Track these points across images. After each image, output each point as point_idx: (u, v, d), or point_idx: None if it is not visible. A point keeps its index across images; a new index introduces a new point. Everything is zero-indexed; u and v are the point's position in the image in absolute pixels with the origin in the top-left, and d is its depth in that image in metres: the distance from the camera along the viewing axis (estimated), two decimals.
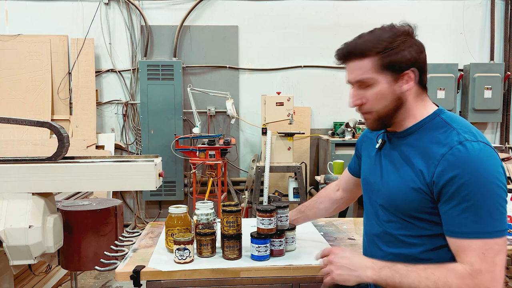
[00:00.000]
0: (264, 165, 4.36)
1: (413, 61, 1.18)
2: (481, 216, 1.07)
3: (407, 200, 1.18)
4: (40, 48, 5.03)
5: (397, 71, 1.17)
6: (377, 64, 1.17)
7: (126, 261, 1.58)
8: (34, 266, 2.77)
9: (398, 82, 1.19)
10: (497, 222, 1.08)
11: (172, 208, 1.68)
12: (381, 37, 1.17)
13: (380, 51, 1.16)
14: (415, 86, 1.21)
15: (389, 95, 1.20)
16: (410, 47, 1.17)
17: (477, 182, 1.07)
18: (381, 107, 1.21)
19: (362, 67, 1.19)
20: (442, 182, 1.10)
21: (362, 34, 1.22)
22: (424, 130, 1.20)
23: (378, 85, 1.19)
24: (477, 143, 1.10)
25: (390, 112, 1.22)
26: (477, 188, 1.07)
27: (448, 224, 1.12)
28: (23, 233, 2.15)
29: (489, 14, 5.46)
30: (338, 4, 5.34)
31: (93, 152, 4.93)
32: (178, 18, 5.25)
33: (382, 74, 1.18)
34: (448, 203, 1.10)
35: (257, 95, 5.00)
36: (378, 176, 1.31)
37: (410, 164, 1.19)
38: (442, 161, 1.11)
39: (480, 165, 1.08)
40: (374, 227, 1.31)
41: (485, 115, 5.38)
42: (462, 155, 1.09)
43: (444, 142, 1.13)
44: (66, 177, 2.20)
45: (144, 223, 5.24)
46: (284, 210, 1.63)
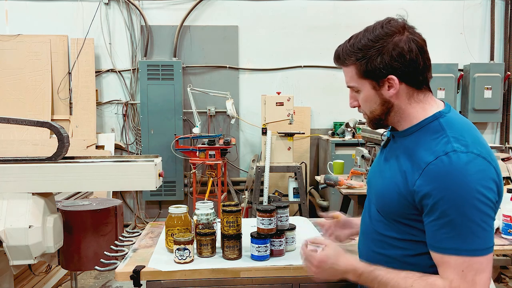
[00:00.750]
0: (264, 165, 4.36)
1: (392, 67, 1.13)
2: (460, 233, 1.03)
3: (392, 202, 1.16)
4: (40, 48, 5.03)
5: (376, 78, 1.16)
6: (357, 72, 1.18)
7: (126, 261, 1.58)
8: (34, 266, 2.77)
9: (382, 88, 1.17)
10: (478, 240, 1.03)
11: (172, 208, 1.68)
12: (359, 45, 1.16)
13: (358, 60, 1.16)
14: (405, 89, 1.17)
15: (374, 100, 1.19)
16: (387, 53, 1.13)
17: (455, 198, 1.02)
18: (370, 111, 1.22)
19: (348, 74, 1.22)
20: (421, 194, 1.07)
21: (352, 36, 1.21)
22: (421, 132, 1.17)
23: (363, 91, 1.20)
24: (465, 155, 1.04)
25: (380, 115, 1.22)
26: (455, 204, 1.02)
27: (429, 237, 1.09)
28: (23, 233, 2.15)
29: (489, 14, 5.46)
30: (338, 4, 5.34)
31: (93, 152, 4.93)
32: (178, 18, 5.25)
33: (364, 81, 1.18)
34: (428, 216, 1.07)
35: (257, 95, 5.01)
36: (376, 175, 1.31)
37: (400, 166, 1.17)
38: (425, 172, 1.07)
39: (460, 179, 1.02)
40: (367, 225, 1.31)
41: (485, 115, 5.38)
42: (444, 168, 1.04)
43: (432, 150, 1.09)
44: (66, 177, 2.20)
45: (144, 223, 5.24)
46: (284, 210, 1.63)
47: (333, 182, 3.26)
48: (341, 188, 3.22)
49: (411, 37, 1.15)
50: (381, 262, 1.19)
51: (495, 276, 3.37)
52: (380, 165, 1.30)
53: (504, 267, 3.52)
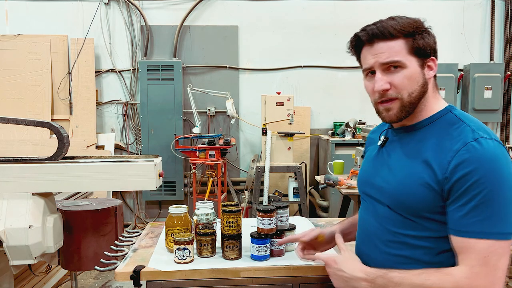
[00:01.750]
0: (264, 165, 4.36)
1: (435, 49, 1.17)
2: (491, 215, 1.02)
3: (415, 197, 1.12)
4: (40, 48, 5.03)
5: (423, 56, 1.15)
6: (406, 46, 1.14)
7: (126, 261, 1.57)
8: (34, 266, 2.77)
9: (424, 68, 1.17)
10: (506, 224, 1.03)
11: (172, 208, 1.68)
12: (409, 21, 1.16)
13: (409, 34, 1.14)
14: (433, 76, 1.20)
15: (418, 79, 1.15)
16: (432, 35, 1.17)
17: (492, 180, 1.02)
18: (410, 92, 1.15)
19: (392, 48, 1.14)
20: (455, 178, 1.05)
21: (382, 19, 1.19)
22: (436, 125, 1.16)
23: (408, 68, 1.14)
24: (492, 141, 1.06)
25: (416, 99, 1.16)
26: (491, 186, 1.02)
27: (454, 222, 1.07)
28: (23, 233, 2.14)
29: (489, 14, 5.46)
30: (338, 4, 5.34)
31: (93, 152, 4.93)
32: (178, 18, 5.25)
33: (412, 58, 1.15)
34: (458, 200, 1.06)
35: (257, 95, 5.01)
36: (383, 174, 1.25)
37: (421, 159, 1.14)
38: (456, 157, 1.06)
39: (495, 163, 1.04)
40: (374, 228, 1.26)
41: (485, 115, 5.38)
42: (478, 152, 1.04)
43: (457, 138, 1.09)
44: (66, 177, 2.20)
45: (144, 223, 5.24)
46: (284, 210, 1.63)
47: (333, 182, 3.26)
48: (341, 188, 3.22)
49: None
50: (397, 265, 1.16)
51: None
52: (388, 165, 1.25)
53: None
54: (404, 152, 1.21)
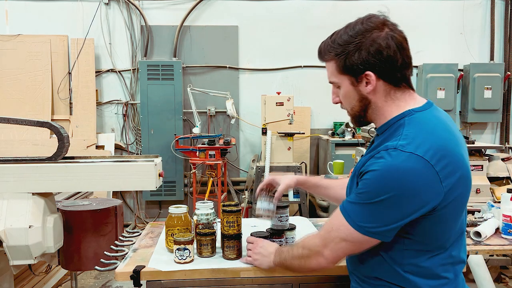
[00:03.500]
0: (264, 165, 4.36)
1: (369, 63, 1.14)
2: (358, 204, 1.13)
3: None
4: (40, 48, 5.03)
5: (354, 74, 1.17)
6: (337, 67, 1.20)
7: (126, 261, 1.57)
8: (34, 266, 2.77)
9: (360, 84, 1.18)
10: (368, 219, 1.11)
11: (172, 208, 1.68)
12: (340, 40, 1.18)
13: (337, 55, 1.18)
14: (383, 85, 1.17)
15: (353, 96, 1.21)
16: (365, 49, 1.13)
17: (379, 186, 1.08)
18: (350, 107, 1.25)
19: (329, 69, 1.24)
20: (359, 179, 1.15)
21: (334, 33, 1.24)
22: (390, 131, 1.18)
23: (342, 87, 1.23)
24: (404, 154, 1.06)
25: (359, 112, 1.23)
26: (376, 190, 1.08)
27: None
28: (23, 233, 2.15)
29: (489, 14, 5.46)
30: (338, 4, 5.34)
31: (93, 152, 4.93)
32: (178, 18, 5.25)
33: (343, 77, 1.20)
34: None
35: (257, 95, 5.01)
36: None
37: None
38: (366, 165, 1.13)
39: (388, 177, 1.07)
40: None
41: (485, 115, 5.38)
42: (381, 162, 1.08)
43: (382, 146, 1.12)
44: (66, 177, 2.20)
45: (144, 223, 5.24)
46: (284, 210, 1.63)
47: None
48: None
49: (390, 33, 1.15)
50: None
51: (495, 276, 3.37)
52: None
53: (504, 267, 3.52)
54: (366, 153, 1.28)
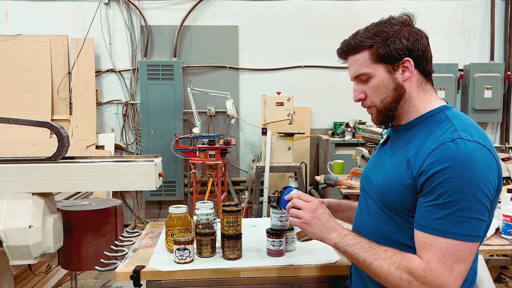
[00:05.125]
0: (264, 165, 4.36)
1: (408, 49, 1.17)
2: (454, 215, 1.03)
3: (395, 195, 1.16)
4: (40, 48, 5.03)
5: (391, 61, 1.18)
6: (371, 56, 1.19)
7: (126, 261, 1.57)
8: (34, 266, 2.77)
9: (396, 72, 1.19)
10: (468, 226, 1.03)
11: (172, 208, 1.68)
12: (373, 30, 1.19)
13: (373, 44, 1.18)
14: (416, 75, 1.20)
15: (388, 85, 1.19)
16: (403, 37, 1.17)
17: (461, 181, 1.02)
18: (382, 98, 1.21)
19: (358, 61, 1.21)
20: (427, 176, 1.07)
21: (359, 30, 1.23)
22: (426, 124, 1.18)
23: (375, 77, 1.20)
24: (472, 143, 1.05)
25: (391, 104, 1.21)
26: (459, 187, 1.02)
27: (418, 217, 1.09)
28: (23, 233, 2.14)
29: (489, 14, 5.46)
30: (338, 4, 5.34)
31: (93, 152, 4.93)
32: (178, 18, 5.25)
33: (378, 66, 1.19)
34: (426, 197, 1.07)
35: (257, 95, 5.01)
36: (377, 171, 1.29)
37: (405, 158, 1.16)
38: (430, 156, 1.07)
39: (468, 164, 1.03)
40: (364, 221, 1.30)
41: (485, 115, 5.38)
42: (451, 152, 1.04)
43: (438, 138, 1.10)
44: (66, 177, 2.20)
45: (144, 223, 5.24)
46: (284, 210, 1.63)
47: (333, 182, 3.26)
48: (341, 188, 3.22)
49: (420, 28, 1.22)
50: None
51: (495, 276, 3.37)
52: (381, 161, 1.29)
53: (504, 267, 3.52)
54: (394, 151, 1.24)
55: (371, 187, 1.30)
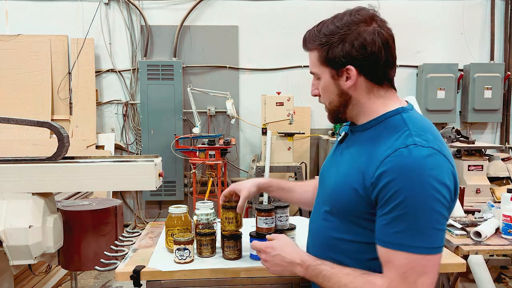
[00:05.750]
0: (264, 165, 4.35)
1: (352, 57, 1.09)
2: (409, 228, 0.98)
3: (345, 199, 1.11)
4: (40, 48, 5.03)
5: (335, 66, 1.13)
6: (319, 57, 1.16)
7: (126, 261, 1.57)
8: (34, 266, 2.77)
9: (339, 78, 1.13)
10: (426, 237, 0.99)
11: (172, 208, 1.68)
12: (325, 30, 1.14)
13: (321, 45, 1.14)
14: (364, 82, 1.13)
15: (332, 90, 1.16)
16: (350, 42, 1.09)
17: (412, 191, 0.97)
18: (328, 101, 1.19)
19: (311, 59, 1.20)
20: (379, 186, 1.02)
21: (321, 22, 1.19)
22: (381, 127, 1.12)
23: (322, 79, 1.17)
24: (426, 149, 1.00)
25: (338, 107, 1.18)
26: (411, 197, 0.97)
27: (378, 231, 1.05)
28: (23, 233, 2.15)
29: (489, 14, 5.46)
30: (338, 4, 5.33)
31: (93, 152, 4.93)
32: (178, 18, 5.25)
33: (324, 68, 1.15)
34: (382, 209, 1.02)
35: (257, 95, 5.01)
36: (330, 171, 1.25)
37: (356, 161, 1.12)
38: (383, 164, 1.02)
39: (419, 173, 0.98)
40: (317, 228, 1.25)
41: (485, 115, 5.38)
42: (403, 160, 0.99)
43: (391, 143, 1.04)
44: (66, 177, 2.20)
45: (144, 223, 5.24)
46: (284, 210, 1.62)
47: None
48: None
49: (377, 29, 1.10)
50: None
51: (495, 276, 3.37)
52: (336, 161, 1.24)
53: (504, 267, 3.52)
54: (349, 152, 1.19)
55: (323, 190, 1.25)
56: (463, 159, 4.08)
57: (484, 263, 2.89)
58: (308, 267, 1.16)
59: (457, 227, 2.14)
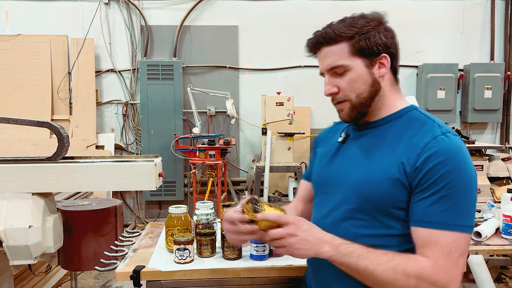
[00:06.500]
0: (264, 165, 4.35)
1: (386, 45, 1.16)
2: (456, 207, 1.03)
3: (383, 192, 1.10)
4: (40, 48, 5.03)
5: (370, 55, 1.15)
6: (350, 49, 1.15)
7: (126, 261, 1.58)
8: (34, 266, 2.77)
9: (373, 67, 1.17)
10: (469, 216, 1.05)
11: (172, 208, 1.68)
12: (352, 23, 1.17)
13: (352, 36, 1.15)
14: (389, 73, 1.20)
15: (365, 79, 1.16)
16: (381, 32, 1.16)
17: (459, 173, 1.04)
18: (358, 93, 1.17)
19: (335, 53, 1.17)
20: (426, 169, 1.05)
21: (332, 22, 1.20)
22: (401, 121, 1.17)
23: (353, 70, 1.16)
24: (456, 137, 1.10)
25: (366, 100, 1.18)
26: (458, 178, 1.04)
27: (418, 214, 1.06)
28: (23, 233, 2.14)
29: (489, 14, 5.46)
30: (338, 4, 5.34)
31: (93, 152, 4.93)
32: (178, 18, 5.25)
33: (356, 59, 1.15)
34: (426, 191, 1.05)
35: (257, 95, 5.00)
36: (344, 170, 1.22)
37: (387, 154, 1.12)
38: (426, 149, 1.06)
39: (463, 158, 1.06)
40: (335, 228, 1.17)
41: (485, 115, 5.38)
42: (447, 145, 1.06)
43: (426, 133, 1.10)
44: (66, 177, 2.20)
45: (144, 223, 5.24)
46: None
47: None
48: None
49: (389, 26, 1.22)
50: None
51: (495, 276, 3.37)
52: (351, 158, 1.22)
53: (504, 267, 3.52)
54: (369, 148, 1.19)
55: (340, 190, 1.20)
56: None
57: (484, 263, 2.90)
58: (339, 245, 1.07)
59: None
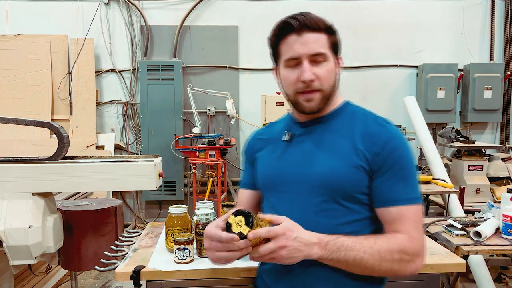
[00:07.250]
0: None
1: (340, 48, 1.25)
2: (411, 183, 1.17)
3: (347, 179, 1.16)
4: (40, 48, 5.03)
5: (335, 53, 1.23)
6: (328, 41, 1.21)
7: (126, 261, 1.58)
8: (34, 266, 2.77)
9: (337, 64, 1.25)
10: (418, 189, 1.19)
11: (172, 208, 1.68)
12: (322, 19, 1.23)
13: (329, 30, 1.22)
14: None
15: (335, 72, 1.23)
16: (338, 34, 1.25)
17: (408, 154, 1.18)
18: (330, 85, 1.21)
19: (319, 41, 1.19)
20: (385, 154, 1.16)
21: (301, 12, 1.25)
22: (346, 114, 1.26)
23: (329, 61, 1.21)
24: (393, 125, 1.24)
25: (333, 92, 1.24)
26: (408, 158, 1.18)
27: (384, 194, 1.16)
28: (23, 233, 2.14)
29: (489, 14, 5.46)
30: (338, 4, 5.34)
31: (93, 152, 4.94)
32: (178, 18, 5.25)
33: (330, 52, 1.21)
34: (387, 173, 1.16)
35: (257, 95, 5.01)
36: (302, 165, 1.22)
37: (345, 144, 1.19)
38: (381, 136, 1.17)
39: (406, 141, 1.21)
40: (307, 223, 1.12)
41: (485, 115, 5.38)
42: (393, 131, 1.20)
43: (373, 123, 1.21)
44: (66, 177, 2.20)
45: (144, 223, 5.24)
46: None
47: None
48: None
49: None
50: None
51: (495, 276, 3.37)
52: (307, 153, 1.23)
53: (504, 267, 3.52)
54: (325, 141, 1.23)
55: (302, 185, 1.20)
56: (463, 159, 4.08)
57: (484, 263, 2.90)
58: (327, 244, 1.08)
59: (457, 227, 2.14)
